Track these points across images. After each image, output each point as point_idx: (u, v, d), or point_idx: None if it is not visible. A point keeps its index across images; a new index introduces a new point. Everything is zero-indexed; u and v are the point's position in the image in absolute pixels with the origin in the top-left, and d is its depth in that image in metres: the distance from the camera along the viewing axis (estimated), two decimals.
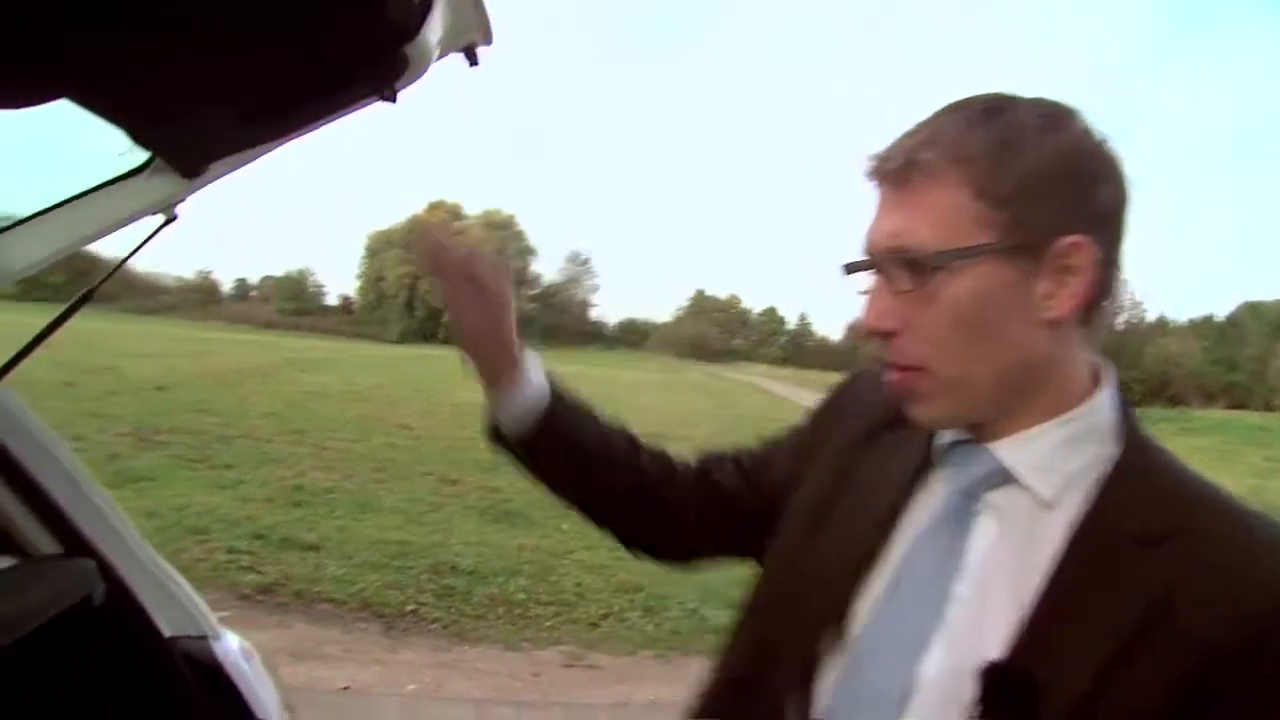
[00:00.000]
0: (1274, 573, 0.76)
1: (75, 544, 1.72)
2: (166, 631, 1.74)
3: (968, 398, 0.84)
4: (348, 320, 68.49)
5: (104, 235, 1.72)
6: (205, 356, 19.33)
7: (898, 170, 0.83)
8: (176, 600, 1.79)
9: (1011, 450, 0.84)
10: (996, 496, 0.85)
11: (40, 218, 1.72)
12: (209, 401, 12.62)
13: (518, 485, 6.56)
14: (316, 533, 6.52)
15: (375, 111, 1.38)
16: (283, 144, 1.50)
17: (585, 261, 79.01)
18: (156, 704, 1.68)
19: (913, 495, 0.91)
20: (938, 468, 0.91)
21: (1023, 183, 0.79)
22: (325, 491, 7.95)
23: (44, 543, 1.72)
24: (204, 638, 1.79)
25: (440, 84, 1.36)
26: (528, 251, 70.04)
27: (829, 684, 0.88)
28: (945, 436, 0.90)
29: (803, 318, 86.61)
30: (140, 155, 1.58)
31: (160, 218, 1.69)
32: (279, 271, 78.56)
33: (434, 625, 5.03)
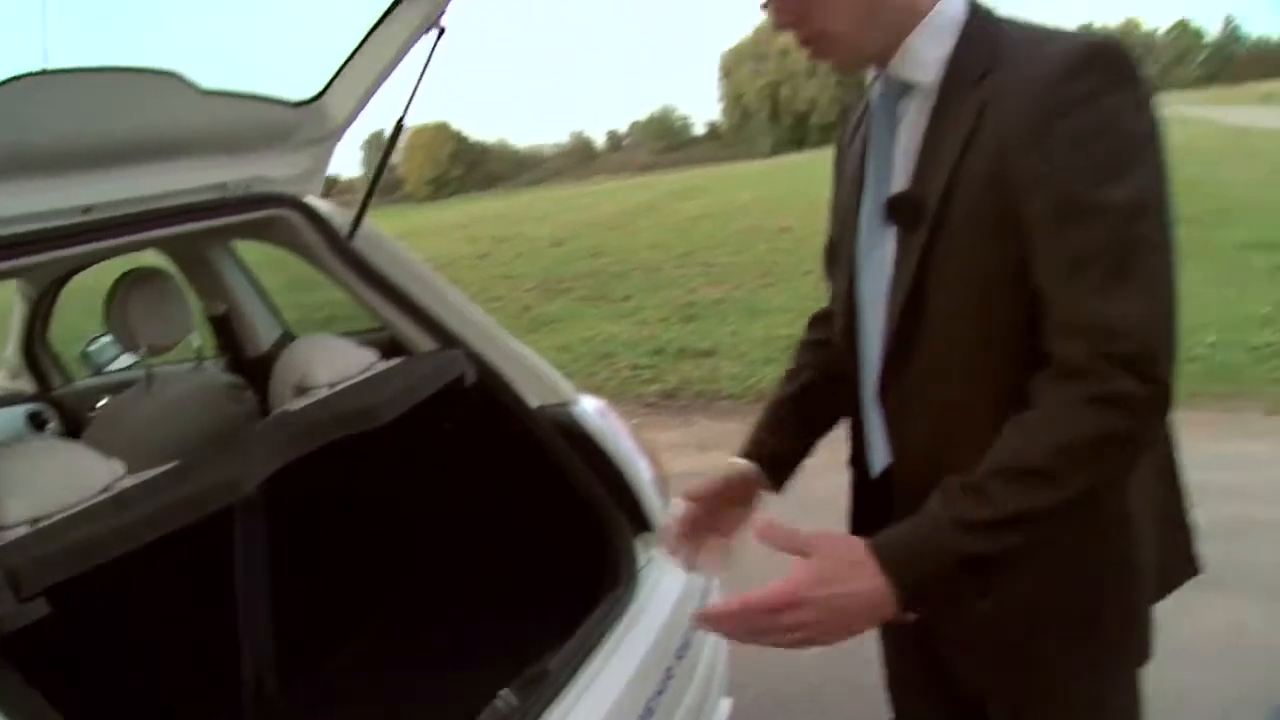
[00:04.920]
0: (1054, 69, 0.91)
1: (449, 342, 1.95)
2: (533, 403, 1.94)
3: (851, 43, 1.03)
4: (718, 146, 69.29)
5: (396, 65, 1.86)
6: (591, 208, 20.77)
7: None
8: (539, 378, 1.98)
9: (899, 65, 1.03)
10: (905, 103, 1.04)
11: (342, 73, 1.89)
12: (600, 245, 13.63)
13: None
14: (710, 340, 6.89)
15: None
16: None
17: None
18: (527, 461, 1.90)
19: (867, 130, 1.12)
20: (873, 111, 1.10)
21: None
22: (715, 303, 8.33)
23: (426, 345, 1.98)
24: (564, 404, 1.96)
25: None
26: None
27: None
28: (875, 88, 1.09)
29: (1228, 22, 72.89)
30: None
31: (433, 35, 1.79)
32: (644, 115, 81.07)
33: None
